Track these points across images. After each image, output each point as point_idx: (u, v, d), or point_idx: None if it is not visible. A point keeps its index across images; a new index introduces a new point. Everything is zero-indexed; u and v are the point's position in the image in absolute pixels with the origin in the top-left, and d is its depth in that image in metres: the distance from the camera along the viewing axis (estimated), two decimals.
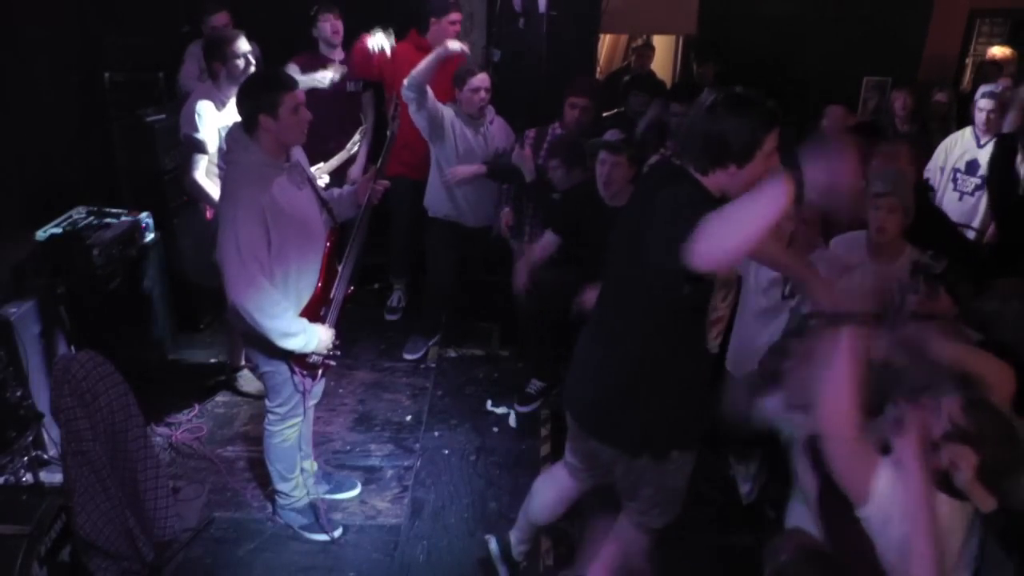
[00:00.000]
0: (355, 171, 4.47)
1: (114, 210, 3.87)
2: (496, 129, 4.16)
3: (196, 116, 3.57)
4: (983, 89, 4.36)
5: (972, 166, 4.35)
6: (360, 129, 4.19)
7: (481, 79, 3.97)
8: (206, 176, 3.63)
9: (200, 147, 3.59)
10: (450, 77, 4.14)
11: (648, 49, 5.99)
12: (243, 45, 3.59)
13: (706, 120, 2.02)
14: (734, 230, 1.70)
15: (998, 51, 5.74)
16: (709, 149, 2.01)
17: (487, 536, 2.97)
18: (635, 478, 2.38)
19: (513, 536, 2.90)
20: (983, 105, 4.27)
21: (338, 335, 2.88)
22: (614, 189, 3.40)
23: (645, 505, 2.44)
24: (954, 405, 1.72)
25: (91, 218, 3.76)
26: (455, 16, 4.29)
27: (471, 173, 4.06)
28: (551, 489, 2.72)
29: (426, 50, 4.20)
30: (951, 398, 1.74)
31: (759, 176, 2.01)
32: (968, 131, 4.41)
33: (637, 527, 2.51)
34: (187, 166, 3.66)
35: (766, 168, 2.02)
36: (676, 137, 2.34)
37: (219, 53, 3.58)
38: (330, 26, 4.27)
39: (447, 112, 4.02)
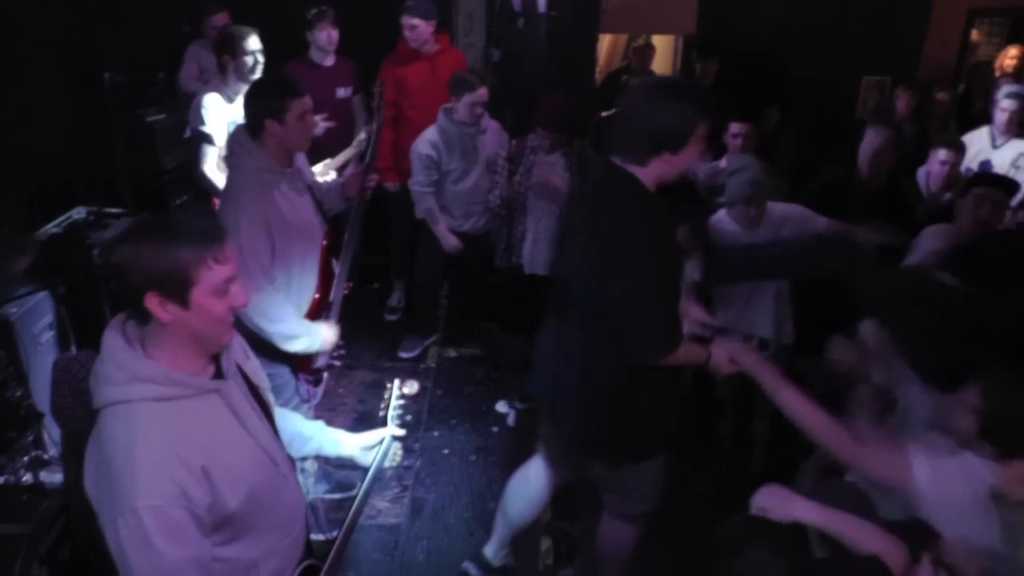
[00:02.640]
0: (348, 171, 4.47)
1: (114, 210, 3.87)
2: (489, 137, 4.11)
3: (202, 109, 3.60)
4: (1007, 89, 4.27)
5: (985, 166, 4.30)
6: (365, 128, 4.22)
7: (481, 94, 3.90)
8: (216, 169, 3.64)
9: (207, 139, 3.61)
10: (433, 85, 4.17)
11: (648, 49, 5.99)
12: (253, 43, 3.62)
13: (641, 109, 2.04)
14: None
15: (1012, 51, 5.69)
16: (645, 138, 2.03)
17: (464, 565, 2.93)
18: (616, 477, 2.44)
19: (489, 549, 2.89)
20: (1006, 105, 4.15)
21: (340, 335, 2.87)
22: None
23: (624, 495, 2.49)
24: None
25: (91, 218, 3.76)
26: (405, 20, 4.24)
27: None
28: (532, 486, 2.71)
29: (410, 55, 4.27)
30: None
31: (691, 162, 2.10)
32: (985, 131, 4.34)
33: (619, 517, 2.55)
34: (196, 159, 3.70)
35: (698, 154, 2.09)
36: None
37: (229, 48, 3.62)
38: (326, 35, 4.29)
39: (434, 145, 3.97)
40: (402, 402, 2.10)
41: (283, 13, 4.30)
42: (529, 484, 2.73)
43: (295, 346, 2.65)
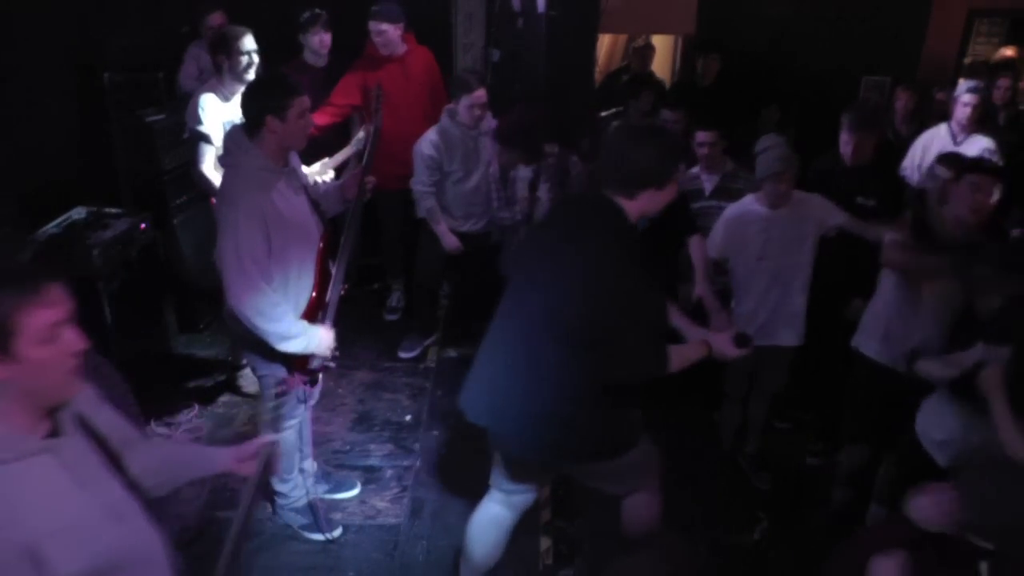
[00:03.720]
0: (346, 172, 4.47)
1: (114, 210, 3.87)
2: (491, 141, 4.08)
3: (199, 109, 3.62)
4: (966, 84, 4.29)
5: None
6: (363, 127, 4.23)
7: (478, 96, 3.89)
8: (214, 169, 3.64)
9: (205, 139, 3.62)
10: (407, 86, 4.21)
11: (648, 49, 5.98)
12: (248, 43, 3.64)
13: (630, 149, 2.26)
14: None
15: (1007, 52, 5.68)
16: (634, 174, 2.24)
17: None
18: (599, 478, 2.49)
19: None
20: (968, 100, 4.18)
21: (336, 336, 2.87)
22: None
23: (623, 479, 2.53)
24: None
25: (91, 218, 3.76)
26: (373, 26, 4.23)
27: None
28: (492, 531, 2.67)
29: (381, 59, 4.27)
30: None
31: (672, 197, 2.32)
32: (943, 128, 4.34)
33: (634, 494, 2.58)
34: (194, 159, 3.71)
35: (677, 190, 2.35)
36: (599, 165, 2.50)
37: (224, 48, 3.64)
38: (319, 40, 4.30)
39: (435, 146, 3.99)
40: (283, 398, 2.03)
41: (279, 14, 4.30)
42: (495, 527, 2.67)
43: (291, 346, 2.65)
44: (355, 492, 3.39)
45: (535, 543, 3.15)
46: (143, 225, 3.90)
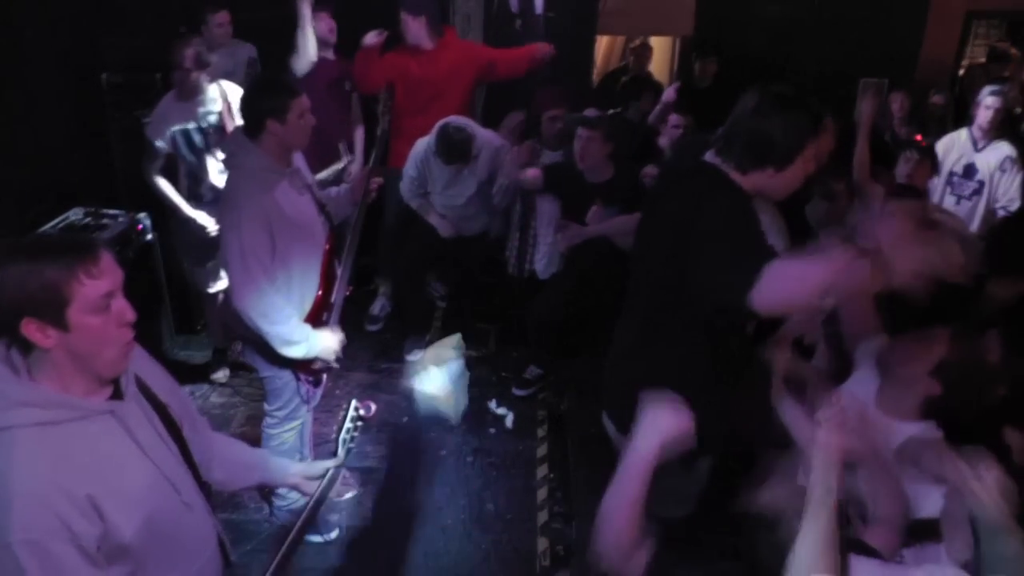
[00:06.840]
0: (355, 168, 4.47)
1: (111, 211, 3.87)
2: (483, 159, 4.06)
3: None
4: (990, 88, 4.24)
5: (970, 170, 4.28)
6: (360, 128, 4.27)
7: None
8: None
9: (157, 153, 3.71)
10: (429, 82, 4.25)
11: (645, 49, 5.99)
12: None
13: (751, 119, 1.97)
14: (798, 285, 1.70)
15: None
16: (751, 149, 1.96)
17: None
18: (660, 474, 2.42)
19: None
20: (991, 103, 4.12)
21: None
22: (589, 163, 3.69)
23: (660, 497, 2.48)
24: None
25: (88, 219, 3.76)
26: (402, 16, 4.23)
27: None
28: None
29: (413, 51, 4.25)
30: None
31: (797, 181, 2.00)
32: (964, 133, 4.32)
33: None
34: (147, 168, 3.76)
35: (805, 173, 2.00)
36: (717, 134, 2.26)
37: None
38: (324, 24, 4.25)
39: (417, 171, 4.09)
40: (359, 424, 2.01)
41: (282, 10, 4.29)
42: None
43: (293, 351, 2.65)
44: (352, 494, 3.39)
45: (533, 544, 3.16)
46: (140, 226, 3.90)
